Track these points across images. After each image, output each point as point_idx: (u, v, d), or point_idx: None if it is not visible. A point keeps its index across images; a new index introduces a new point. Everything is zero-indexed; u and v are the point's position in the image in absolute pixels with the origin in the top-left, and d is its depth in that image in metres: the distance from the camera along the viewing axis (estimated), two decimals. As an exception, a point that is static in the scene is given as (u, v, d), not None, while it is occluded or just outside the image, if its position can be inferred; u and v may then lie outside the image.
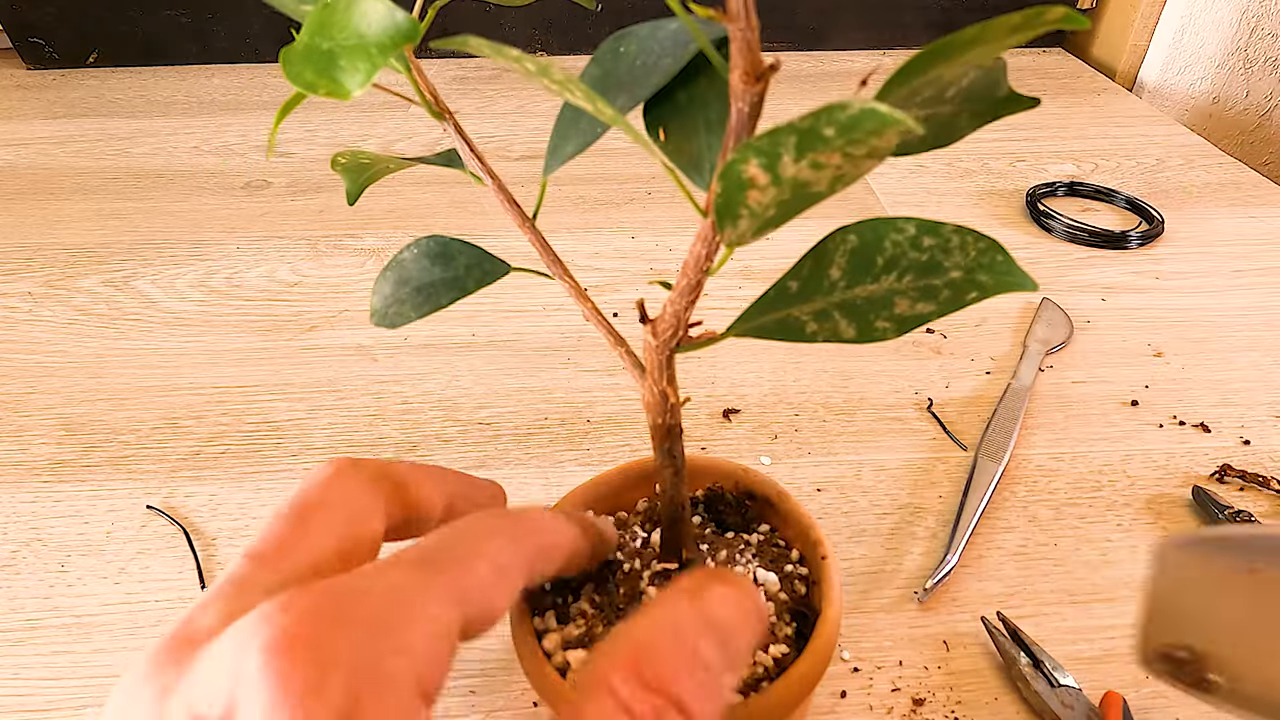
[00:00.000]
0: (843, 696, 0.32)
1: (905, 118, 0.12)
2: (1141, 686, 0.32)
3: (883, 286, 0.18)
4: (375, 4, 0.15)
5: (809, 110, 0.13)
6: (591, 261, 0.60)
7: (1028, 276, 0.17)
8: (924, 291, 0.18)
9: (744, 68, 0.15)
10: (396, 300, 0.24)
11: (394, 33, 0.14)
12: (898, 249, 0.18)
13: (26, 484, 0.42)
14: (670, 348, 0.22)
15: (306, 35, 0.15)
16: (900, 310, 0.18)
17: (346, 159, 0.24)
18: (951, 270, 0.17)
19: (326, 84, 0.14)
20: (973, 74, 0.18)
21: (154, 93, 0.88)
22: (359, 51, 0.14)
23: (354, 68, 0.14)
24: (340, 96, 0.14)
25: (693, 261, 0.19)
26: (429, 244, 0.25)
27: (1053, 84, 0.89)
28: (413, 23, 0.14)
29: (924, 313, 0.18)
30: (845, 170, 0.15)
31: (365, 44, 0.14)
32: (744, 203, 0.15)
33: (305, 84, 0.14)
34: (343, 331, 0.53)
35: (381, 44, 0.14)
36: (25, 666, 0.34)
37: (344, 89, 0.14)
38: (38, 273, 0.59)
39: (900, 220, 0.18)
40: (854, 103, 0.12)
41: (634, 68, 0.21)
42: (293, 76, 0.14)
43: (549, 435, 0.45)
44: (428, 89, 0.21)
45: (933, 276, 0.18)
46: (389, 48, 0.14)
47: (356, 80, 0.14)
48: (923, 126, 0.19)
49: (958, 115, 0.19)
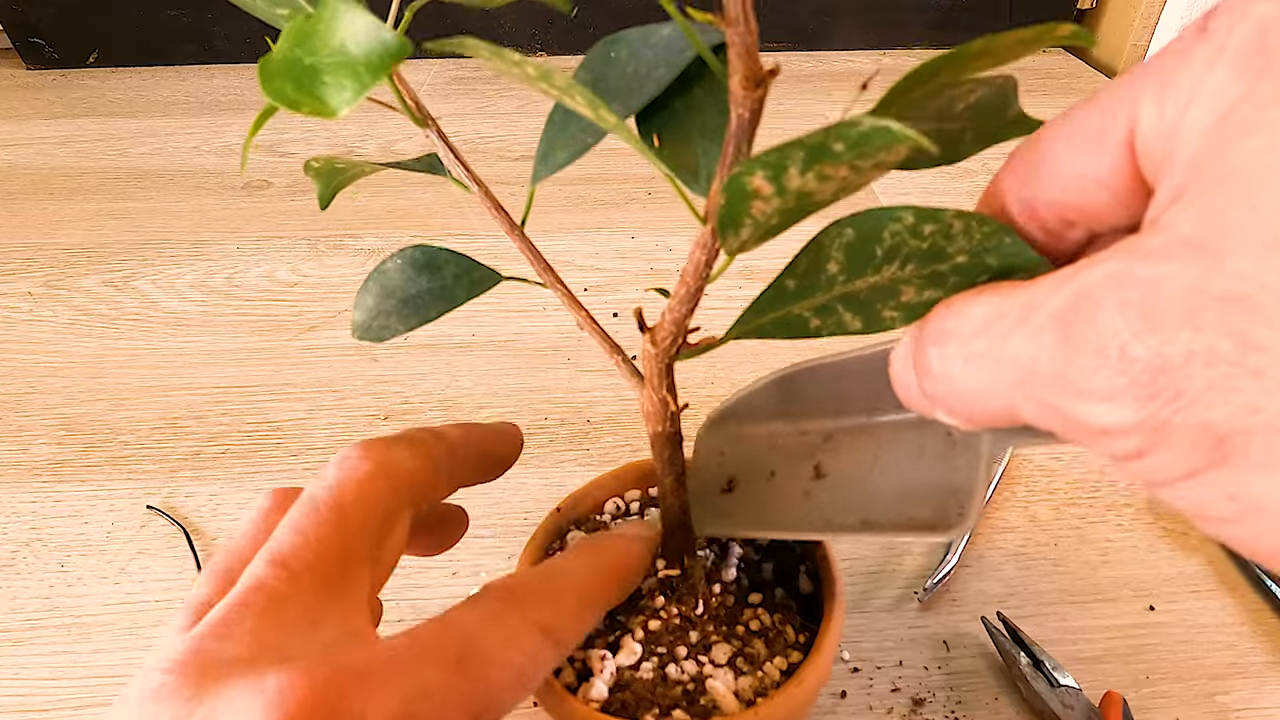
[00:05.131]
0: (843, 696, 0.32)
1: (916, 135, 0.12)
2: (1141, 686, 0.32)
3: (885, 276, 0.18)
4: (360, 19, 0.14)
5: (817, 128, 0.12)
6: (592, 261, 0.59)
7: (1037, 256, 0.17)
8: (930, 278, 0.17)
9: (744, 73, 0.15)
10: (381, 313, 0.23)
11: (383, 52, 0.14)
12: (897, 238, 0.17)
13: (27, 484, 0.42)
14: (670, 355, 0.21)
15: (286, 47, 0.14)
16: (908, 298, 0.18)
17: (320, 163, 0.23)
18: (956, 255, 0.17)
19: (310, 102, 0.13)
20: (982, 90, 0.18)
21: (154, 93, 0.88)
22: (345, 69, 0.14)
23: (340, 85, 0.13)
24: (326, 115, 0.13)
25: (692, 268, 0.19)
26: (414, 254, 0.24)
27: (1053, 84, 0.89)
28: (402, 42, 0.14)
29: (933, 299, 0.17)
30: (850, 181, 0.14)
31: (352, 62, 0.14)
32: (747, 213, 0.15)
33: (286, 101, 0.13)
34: (342, 331, 0.52)
35: (370, 64, 0.13)
36: (25, 666, 0.34)
37: (329, 108, 0.13)
38: (38, 273, 0.59)
39: (897, 210, 0.17)
40: (864, 120, 0.12)
41: (626, 75, 0.21)
42: (271, 92, 0.13)
43: (549, 435, 0.45)
44: (410, 96, 0.20)
45: (938, 262, 0.17)
46: (378, 68, 0.13)
47: (344, 99, 0.13)
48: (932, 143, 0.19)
49: (964, 132, 0.18)
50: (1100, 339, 0.13)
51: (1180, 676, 0.33)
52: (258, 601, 0.17)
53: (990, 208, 0.18)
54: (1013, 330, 0.14)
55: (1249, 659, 0.33)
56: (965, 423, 0.17)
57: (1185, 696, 0.32)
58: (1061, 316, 0.13)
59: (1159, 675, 0.33)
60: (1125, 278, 0.13)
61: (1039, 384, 0.14)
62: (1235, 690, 0.32)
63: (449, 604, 0.35)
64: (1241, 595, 0.36)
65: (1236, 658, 0.33)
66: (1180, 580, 0.36)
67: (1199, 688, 0.32)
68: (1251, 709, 0.32)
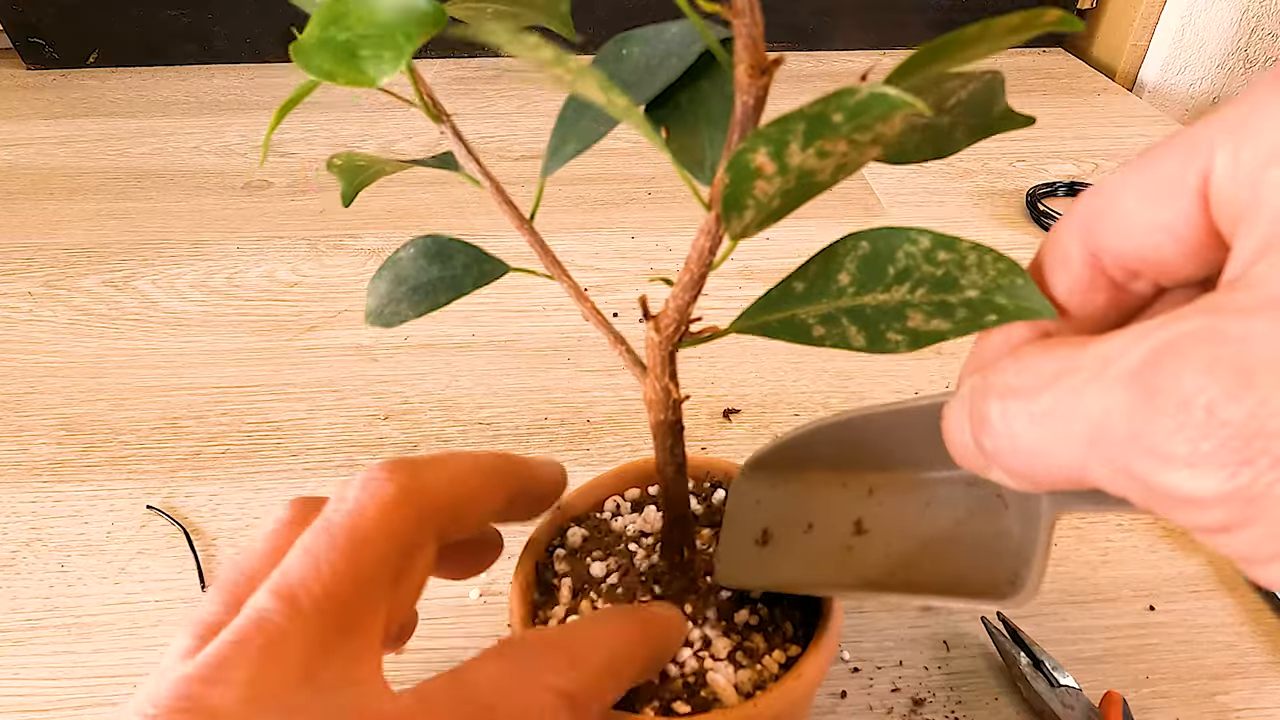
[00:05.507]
0: (843, 697, 0.32)
1: (914, 100, 0.12)
2: (1142, 687, 0.32)
3: (895, 297, 0.18)
4: None
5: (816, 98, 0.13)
6: (592, 261, 0.60)
7: (1047, 304, 0.16)
8: (939, 307, 0.17)
9: (749, 62, 0.15)
10: (393, 300, 0.24)
11: (420, 19, 0.14)
12: (911, 260, 0.17)
13: (26, 484, 0.42)
14: (673, 343, 0.22)
15: (318, 28, 0.15)
16: (914, 324, 0.18)
17: (342, 160, 0.24)
18: (968, 289, 0.17)
19: (348, 72, 0.14)
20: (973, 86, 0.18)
21: (154, 93, 0.88)
22: (383, 39, 0.14)
23: (378, 56, 0.14)
24: (365, 84, 0.13)
25: (696, 255, 0.19)
26: (426, 243, 0.24)
27: (1053, 84, 0.89)
28: (437, 8, 0.14)
29: (940, 330, 0.17)
30: (849, 158, 0.15)
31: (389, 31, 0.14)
32: (750, 193, 0.16)
33: (323, 73, 0.14)
34: (342, 331, 0.53)
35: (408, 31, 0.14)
36: (25, 667, 0.34)
37: (369, 77, 0.13)
38: (38, 273, 0.59)
39: (914, 231, 0.17)
40: (862, 88, 0.13)
41: (638, 68, 0.21)
42: (309, 67, 0.14)
43: (549, 435, 0.45)
44: (426, 91, 0.20)
45: (948, 293, 0.17)
46: (416, 34, 0.14)
47: (383, 68, 0.13)
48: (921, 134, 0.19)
49: (955, 127, 0.19)
50: (1185, 397, 0.12)
51: (1180, 676, 0.33)
52: (257, 641, 0.16)
53: (1052, 256, 0.17)
54: (1085, 385, 0.13)
55: (1249, 659, 0.33)
56: (1026, 484, 0.16)
57: (1185, 696, 0.32)
58: (1141, 372, 0.12)
59: (1159, 675, 0.33)
60: (1214, 334, 0.12)
61: (1113, 444, 0.13)
62: (1235, 690, 0.32)
63: (448, 605, 0.35)
64: (1242, 595, 0.36)
65: (1237, 658, 0.33)
66: (1180, 580, 0.36)
67: (1199, 688, 0.32)
68: (1251, 709, 0.32)
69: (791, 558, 0.24)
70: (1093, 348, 0.14)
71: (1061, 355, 0.14)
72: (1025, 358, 0.15)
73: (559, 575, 0.28)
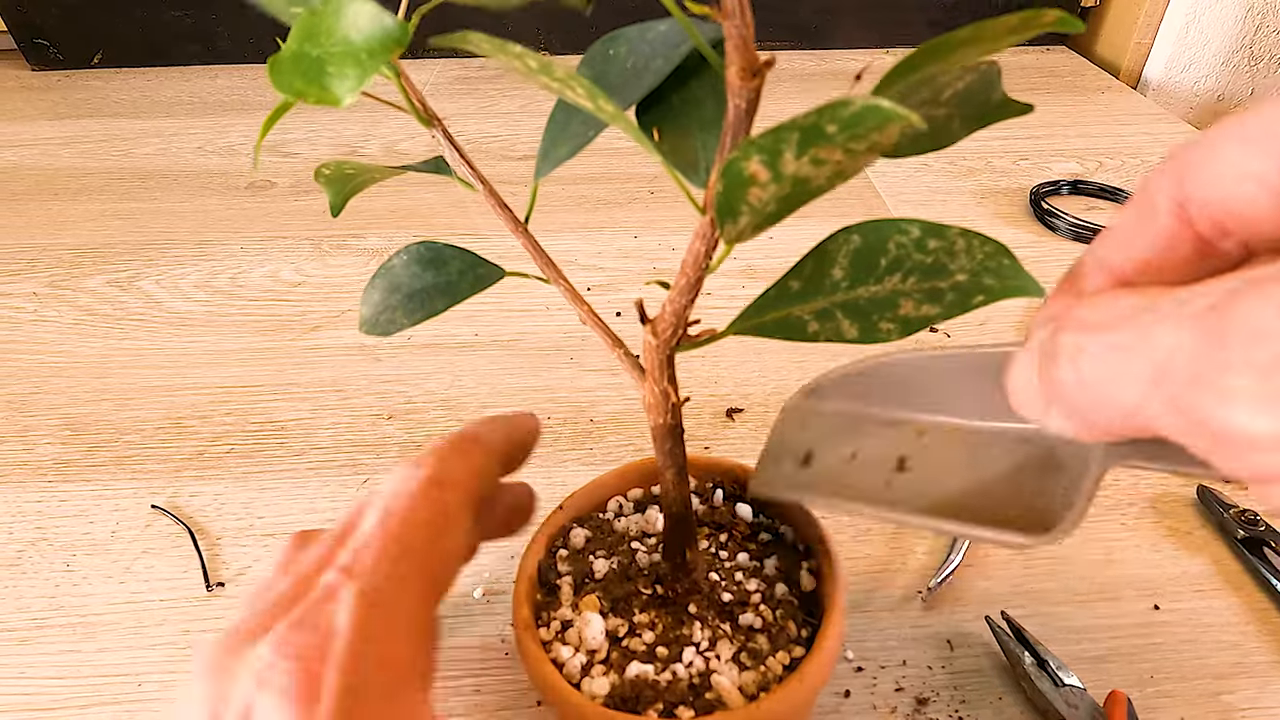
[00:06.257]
0: (846, 696, 0.32)
1: (908, 113, 0.12)
2: (1146, 686, 0.32)
3: (886, 287, 0.18)
4: (363, 8, 0.14)
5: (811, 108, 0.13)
6: (595, 261, 0.59)
7: (1034, 281, 0.17)
8: (929, 294, 0.18)
9: (740, 64, 0.15)
10: (388, 308, 0.24)
11: (384, 38, 0.14)
12: (902, 250, 0.18)
13: (32, 484, 0.42)
14: (671, 347, 0.21)
15: (294, 42, 0.15)
16: (905, 312, 0.18)
17: (331, 170, 0.24)
18: (957, 273, 0.17)
19: (316, 91, 0.14)
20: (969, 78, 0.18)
21: (158, 93, 0.88)
22: (348, 58, 0.14)
23: (343, 74, 0.14)
24: (331, 103, 0.14)
25: (692, 259, 0.19)
26: (419, 250, 0.24)
27: (1056, 82, 0.89)
28: (403, 28, 0.14)
29: (929, 315, 0.17)
30: (845, 166, 0.15)
31: (354, 50, 0.14)
32: (744, 199, 0.15)
33: (294, 91, 0.14)
34: (346, 331, 0.53)
35: (371, 50, 0.14)
36: (31, 665, 0.34)
37: (333, 96, 0.14)
38: (42, 273, 0.59)
39: (904, 222, 0.18)
40: (856, 99, 0.12)
41: (624, 70, 0.21)
42: (281, 85, 0.14)
43: (552, 435, 0.45)
44: (415, 96, 0.20)
45: (938, 279, 0.17)
46: (379, 54, 0.14)
47: (346, 86, 0.14)
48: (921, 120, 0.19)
49: (952, 118, 0.19)
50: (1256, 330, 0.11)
51: (1185, 676, 0.33)
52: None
53: (1139, 205, 0.16)
54: (1157, 324, 0.13)
55: (1254, 658, 0.33)
56: (1082, 427, 0.15)
57: (1190, 696, 0.32)
58: (1215, 308, 0.12)
59: (1163, 675, 0.33)
60: None
61: (1176, 379, 0.12)
62: (1240, 690, 0.32)
63: (453, 604, 0.35)
64: (1246, 595, 0.36)
65: (1241, 657, 0.33)
66: (1185, 579, 0.36)
67: (1203, 687, 0.32)
68: (1256, 708, 0.32)
69: (830, 480, 0.25)
70: (1174, 292, 0.13)
71: (1140, 295, 0.14)
72: (1102, 296, 0.15)
73: (561, 575, 0.28)
